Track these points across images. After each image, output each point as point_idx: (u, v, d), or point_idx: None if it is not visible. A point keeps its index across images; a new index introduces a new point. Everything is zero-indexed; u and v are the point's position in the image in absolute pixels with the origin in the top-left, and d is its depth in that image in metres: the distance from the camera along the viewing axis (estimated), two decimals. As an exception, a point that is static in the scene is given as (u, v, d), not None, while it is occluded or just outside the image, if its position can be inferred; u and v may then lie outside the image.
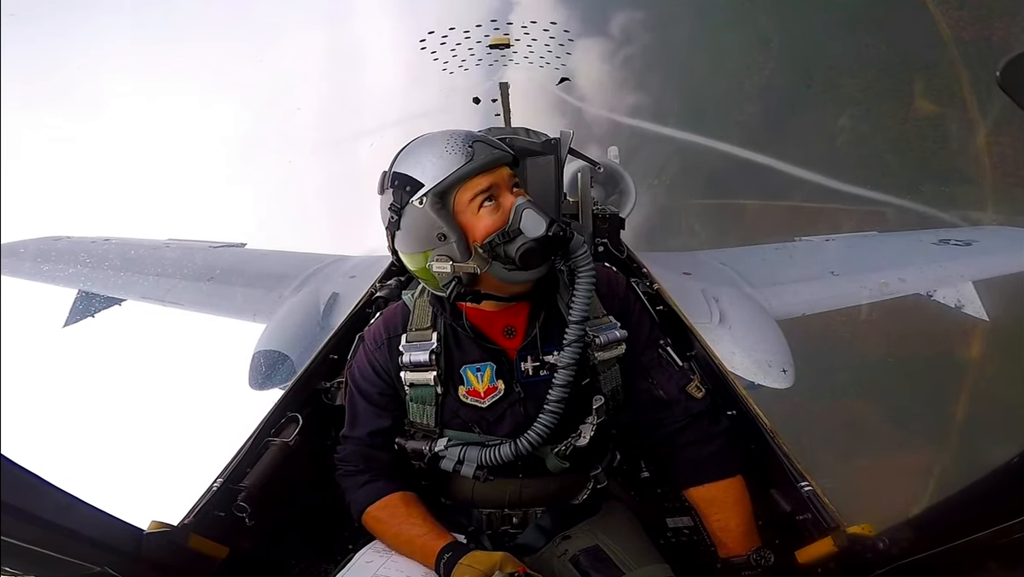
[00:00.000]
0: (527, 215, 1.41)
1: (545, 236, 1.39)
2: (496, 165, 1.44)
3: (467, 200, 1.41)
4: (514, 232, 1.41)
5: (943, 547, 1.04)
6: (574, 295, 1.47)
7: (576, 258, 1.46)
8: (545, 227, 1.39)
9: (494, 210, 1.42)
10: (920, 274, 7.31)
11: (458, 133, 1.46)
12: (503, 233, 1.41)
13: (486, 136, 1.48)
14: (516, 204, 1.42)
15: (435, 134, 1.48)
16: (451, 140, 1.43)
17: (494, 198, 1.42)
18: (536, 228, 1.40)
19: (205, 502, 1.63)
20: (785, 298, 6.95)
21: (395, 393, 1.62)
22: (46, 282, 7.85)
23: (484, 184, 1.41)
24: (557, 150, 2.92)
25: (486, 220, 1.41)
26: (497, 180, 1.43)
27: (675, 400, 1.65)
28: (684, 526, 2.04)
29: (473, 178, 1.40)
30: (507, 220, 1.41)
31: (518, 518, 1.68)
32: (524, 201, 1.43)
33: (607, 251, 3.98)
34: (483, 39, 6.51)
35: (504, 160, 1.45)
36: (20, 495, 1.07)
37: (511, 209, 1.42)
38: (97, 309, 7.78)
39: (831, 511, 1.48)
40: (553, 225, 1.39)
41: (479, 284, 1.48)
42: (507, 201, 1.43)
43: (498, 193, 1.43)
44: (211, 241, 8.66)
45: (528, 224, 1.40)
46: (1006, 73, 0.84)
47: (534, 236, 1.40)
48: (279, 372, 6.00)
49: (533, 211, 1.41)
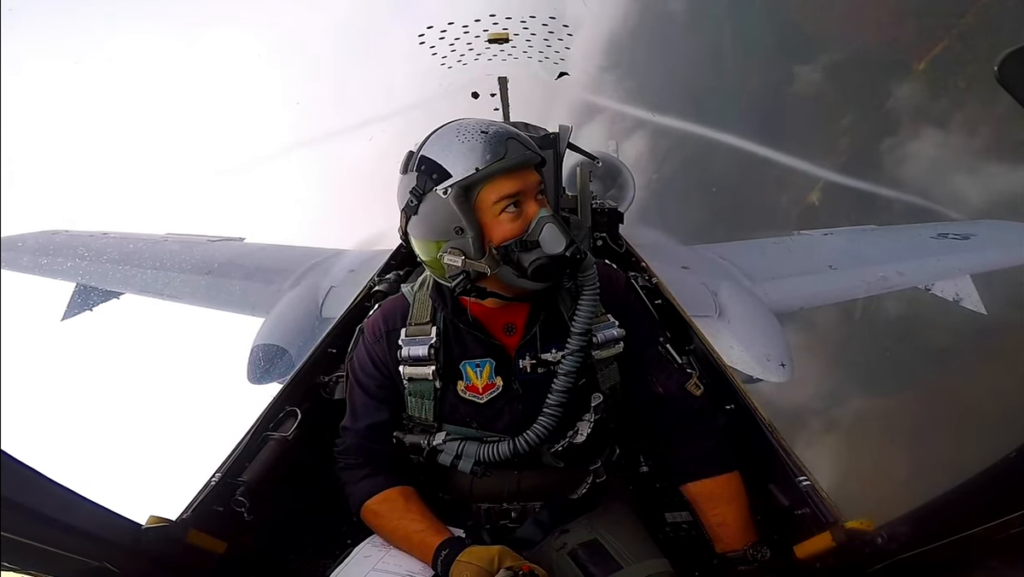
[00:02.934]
0: (548, 230, 1.39)
1: (562, 255, 1.38)
2: (527, 166, 1.42)
3: (491, 201, 1.39)
4: (531, 243, 1.40)
5: (942, 541, 1.05)
6: (578, 309, 1.47)
7: (584, 276, 1.45)
8: (564, 247, 1.38)
9: (516, 216, 1.40)
10: (918, 268, 7.32)
11: (495, 125, 1.44)
12: (520, 242, 1.40)
13: (521, 134, 1.46)
14: (539, 216, 1.41)
15: (470, 122, 1.45)
16: (486, 133, 1.40)
17: (518, 204, 1.40)
18: (555, 246, 1.39)
19: (203, 497, 1.62)
20: (784, 292, 6.96)
21: (394, 386, 1.62)
22: (44, 276, 7.82)
23: (512, 189, 1.39)
24: (556, 145, 2.92)
25: (506, 225, 1.40)
26: (524, 185, 1.41)
27: (674, 398, 1.66)
28: (683, 521, 2.05)
29: (501, 178, 1.38)
30: (526, 229, 1.40)
31: (516, 512, 1.69)
32: (548, 215, 1.41)
33: (606, 245, 3.98)
34: (482, 34, 6.50)
35: (534, 161, 1.43)
36: (18, 490, 1.07)
37: (533, 219, 1.40)
38: (95, 303, 7.75)
39: (829, 506, 1.47)
40: (572, 246, 1.38)
41: (485, 281, 1.48)
42: (531, 210, 1.41)
43: (523, 200, 1.41)
44: (209, 235, 8.64)
45: (547, 239, 1.39)
46: (1004, 68, 0.83)
47: (550, 253, 1.39)
48: (278, 366, 5.99)
49: (555, 227, 1.39)
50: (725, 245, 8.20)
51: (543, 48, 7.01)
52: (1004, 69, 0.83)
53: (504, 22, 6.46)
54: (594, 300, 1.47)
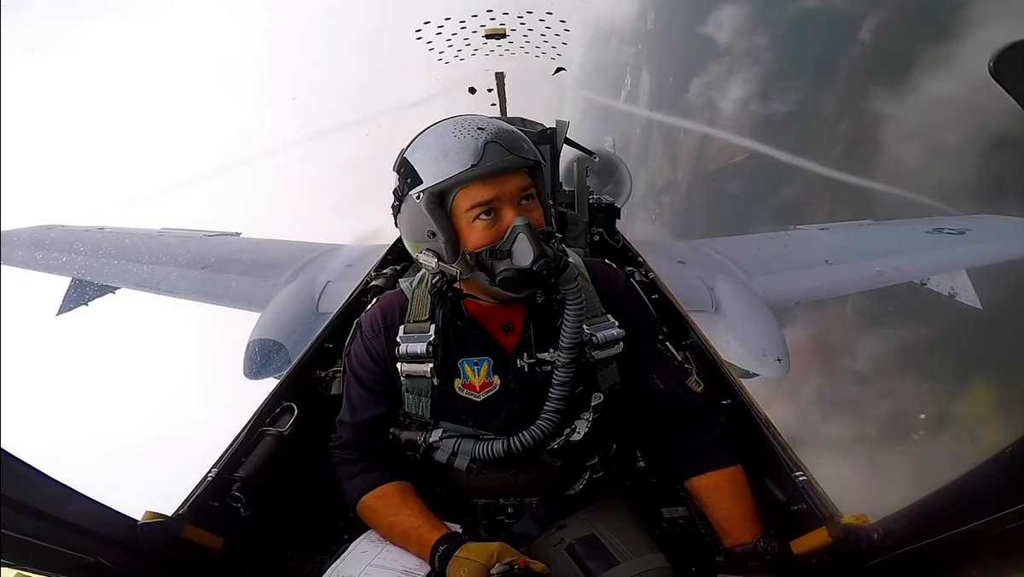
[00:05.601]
0: (519, 241, 1.35)
1: (528, 269, 1.35)
2: (504, 173, 1.36)
3: (464, 208, 1.36)
4: (503, 253, 1.37)
5: (937, 537, 1.05)
6: (564, 324, 1.45)
7: (566, 289, 1.41)
8: (531, 260, 1.34)
9: (490, 225, 1.37)
10: (914, 262, 7.34)
11: (473, 127, 1.37)
12: (493, 250, 1.37)
13: (512, 132, 1.40)
14: (513, 225, 1.36)
15: (450, 124, 1.40)
16: (463, 136, 1.35)
17: (494, 211, 1.37)
18: (523, 258, 1.35)
19: (200, 492, 1.62)
20: (780, 287, 6.98)
21: (391, 381, 1.61)
22: (39, 270, 7.81)
23: (485, 196, 1.35)
24: (553, 140, 2.92)
25: (479, 233, 1.37)
26: (502, 192, 1.36)
27: (676, 395, 1.66)
28: (679, 516, 2.05)
29: (476, 185, 1.35)
30: (501, 236, 1.37)
31: (514, 508, 1.68)
32: (523, 224, 1.35)
33: (603, 240, 3.98)
34: (479, 29, 6.49)
35: (515, 167, 1.37)
36: (13, 486, 1.06)
37: (508, 227, 1.37)
38: (91, 297, 7.74)
39: (826, 501, 1.48)
40: (540, 260, 1.34)
41: (464, 284, 1.48)
42: (507, 218, 1.37)
43: (500, 206, 1.37)
44: (206, 230, 8.62)
45: (517, 251, 1.36)
46: (998, 64, 0.83)
47: (518, 266, 1.36)
48: (274, 361, 5.99)
49: (526, 239, 1.34)
50: (721, 240, 8.22)
51: (540, 43, 7.00)
52: (998, 65, 0.83)
53: (501, 17, 6.45)
54: (578, 315, 1.44)
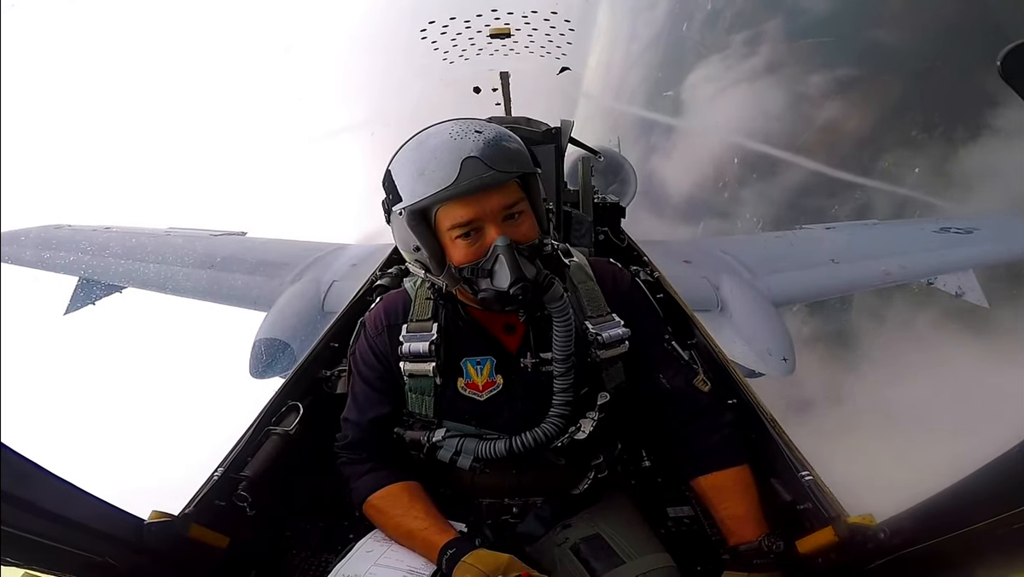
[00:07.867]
0: (499, 261, 1.34)
1: (505, 292, 1.34)
2: (483, 190, 1.33)
3: (445, 227, 1.37)
4: (485, 271, 1.37)
5: (944, 537, 1.04)
6: (554, 338, 1.45)
7: (552, 308, 1.41)
8: (508, 284, 1.33)
9: (472, 243, 1.36)
10: (921, 262, 7.31)
11: (457, 139, 1.34)
12: (475, 268, 1.37)
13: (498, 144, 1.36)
14: (495, 245, 1.35)
15: (434, 135, 1.39)
16: (442, 151, 1.33)
17: (477, 230, 1.36)
18: (501, 281, 1.35)
19: (206, 492, 1.63)
20: (786, 286, 6.95)
21: (395, 380, 1.61)
22: (47, 270, 7.83)
23: (464, 216, 1.34)
24: (558, 139, 2.92)
25: (461, 251, 1.37)
26: (483, 211, 1.34)
27: (683, 394, 1.65)
28: (684, 516, 2.04)
29: (454, 204, 1.34)
30: (484, 254, 1.36)
31: (518, 508, 1.68)
32: (504, 245, 1.34)
33: (608, 240, 3.98)
34: (483, 28, 6.49)
35: (496, 182, 1.33)
36: (20, 484, 1.07)
37: (490, 245, 1.35)
38: (98, 297, 7.77)
39: (832, 501, 1.47)
40: (517, 284, 1.32)
41: (457, 291, 1.49)
42: (490, 236, 1.36)
43: (483, 224, 1.35)
44: (212, 229, 8.63)
45: (496, 272, 1.36)
46: (1007, 63, 0.83)
47: (496, 288, 1.36)
48: (280, 360, 5.99)
49: (504, 262, 1.33)
50: (726, 239, 8.21)
51: (545, 43, 7.00)
52: (1007, 64, 0.83)
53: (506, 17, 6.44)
54: (566, 331, 1.44)
